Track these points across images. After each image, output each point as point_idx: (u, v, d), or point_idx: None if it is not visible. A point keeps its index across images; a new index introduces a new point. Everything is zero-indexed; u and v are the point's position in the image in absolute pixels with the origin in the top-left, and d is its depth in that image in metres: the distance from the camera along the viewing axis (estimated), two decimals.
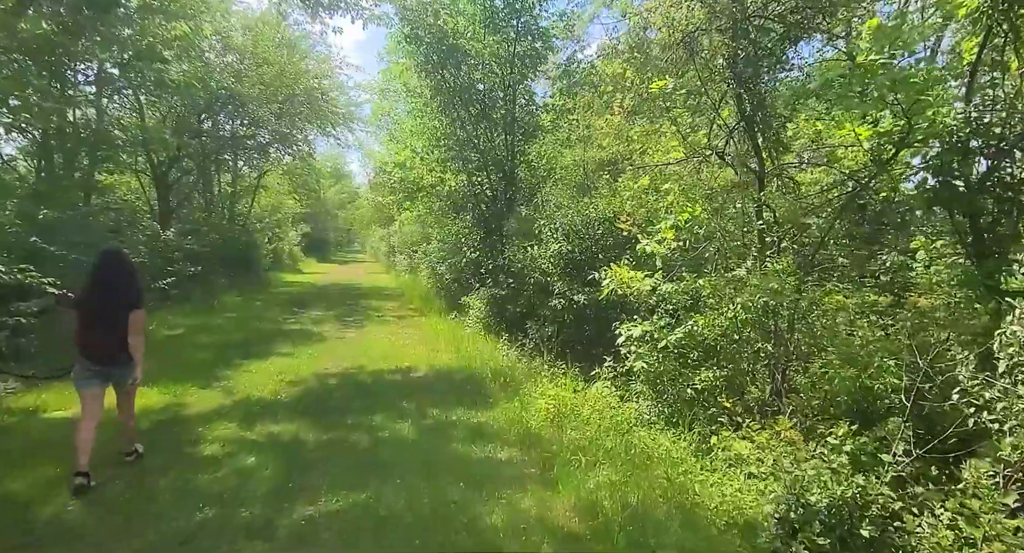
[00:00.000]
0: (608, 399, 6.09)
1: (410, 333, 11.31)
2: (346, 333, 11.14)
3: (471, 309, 11.96)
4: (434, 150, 12.16)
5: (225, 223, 19.38)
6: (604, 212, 6.69)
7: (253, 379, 7.30)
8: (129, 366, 4.22)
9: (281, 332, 10.98)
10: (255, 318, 12.49)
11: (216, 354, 8.57)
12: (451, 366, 8.12)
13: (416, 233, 24.59)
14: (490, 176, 11.81)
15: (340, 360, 8.52)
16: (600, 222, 6.97)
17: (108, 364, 4.17)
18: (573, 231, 7.25)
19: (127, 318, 4.14)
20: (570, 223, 7.29)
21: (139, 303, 4.25)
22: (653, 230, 5.64)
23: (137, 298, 4.26)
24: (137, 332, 4.19)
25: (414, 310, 14.66)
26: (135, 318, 4.18)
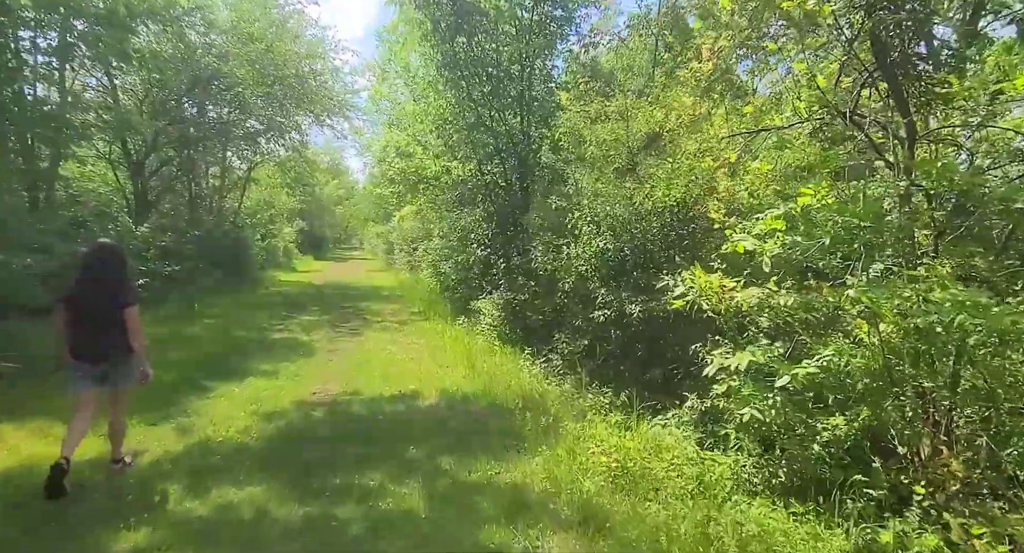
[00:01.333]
0: (683, 444, 4.53)
1: (414, 343, 9.73)
2: (340, 343, 9.56)
3: (483, 314, 10.39)
4: (439, 134, 10.54)
5: (211, 218, 17.74)
6: (666, 198, 5.11)
7: (220, 410, 5.72)
8: (122, 365, 4.09)
9: (265, 343, 9.39)
10: (238, 325, 10.89)
11: (181, 374, 6.98)
12: (467, 390, 6.54)
13: (416, 229, 23.08)
14: (504, 163, 10.22)
15: (331, 381, 6.94)
16: (660, 212, 5.38)
17: (99, 364, 4.00)
18: (620, 224, 5.68)
19: (120, 315, 4.00)
20: (616, 215, 5.70)
21: (132, 299, 4.10)
22: (749, 220, 4.06)
23: (130, 294, 4.12)
24: (134, 329, 4.05)
25: (416, 314, 13.08)
26: (130, 315, 4.03)
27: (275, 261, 26.56)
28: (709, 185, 4.96)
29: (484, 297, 10.89)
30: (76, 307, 3.97)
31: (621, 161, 5.92)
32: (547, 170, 9.71)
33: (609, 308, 5.67)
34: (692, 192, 5.03)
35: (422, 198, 16.37)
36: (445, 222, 15.01)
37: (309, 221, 36.94)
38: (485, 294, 10.90)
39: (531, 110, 9.76)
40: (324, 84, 17.95)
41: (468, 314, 11.67)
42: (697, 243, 5.25)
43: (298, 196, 26.85)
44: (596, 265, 5.95)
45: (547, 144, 8.69)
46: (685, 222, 5.30)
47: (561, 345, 7.24)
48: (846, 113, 3.93)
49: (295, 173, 20.66)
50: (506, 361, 8.14)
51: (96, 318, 3.97)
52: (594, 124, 6.16)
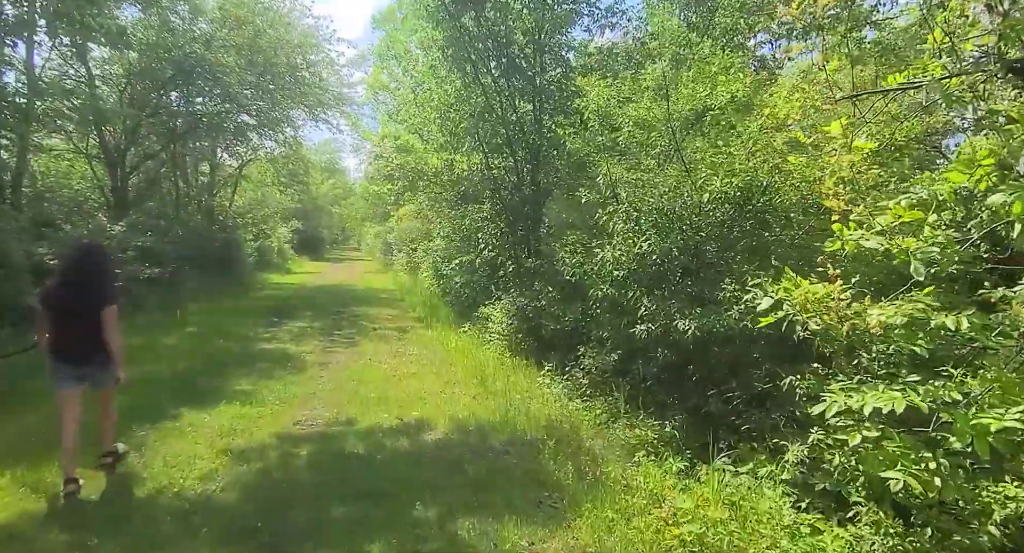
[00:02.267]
0: (769, 500, 3.46)
1: (416, 355, 8.64)
2: (333, 355, 8.47)
3: (491, 322, 9.33)
4: (442, 125, 9.46)
5: (199, 217, 16.62)
6: (727, 187, 4.04)
7: (182, 447, 4.64)
8: (106, 367, 4.00)
9: (249, 355, 8.28)
10: (222, 333, 9.78)
11: (145, 396, 5.89)
12: (481, 417, 5.46)
13: (415, 229, 22.03)
14: (515, 154, 9.15)
15: (320, 405, 5.86)
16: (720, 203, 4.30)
17: (81, 365, 3.92)
18: (668, 221, 4.61)
19: (98, 317, 3.89)
20: (663, 209, 4.62)
21: (112, 299, 3.98)
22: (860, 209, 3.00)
23: (110, 294, 4.01)
24: (112, 329, 3.94)
25: (417, 320, 12.00)
26: (108, 315, 3.92)
27: (269, 263, 25.42)
28: (785, 167, 3.89)
29: (492, 302, 9.83)
30: (56, 308, 3.86)
31: (663, 145, 4.85)
32: (565, 162, 8.63)
33: (654, 322, 4.61)
34: (760, 178, 3.97)
35: (422, 196, 15.28)
36: (447, 221, 13.95)
37: (305, 221, 35.77)
38: (493, 299, 9.84)
39: (546, 95, 8.70)
40: (318, 76, 16.83)
41: (474, 321, 10.61)
42: (766, 243, 4.18)
43: (292, 195, 25.67)
44: (636, 270, 4.89)
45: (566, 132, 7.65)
46: (751, 215, 4.23)
47: (587, 360, 6.17)
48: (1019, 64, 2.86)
49: (288, 170, 19.52)
50: (522, 378, 7.09)
51: (76, 319, 3.86)
52: (627, 104, 5.10)
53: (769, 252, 4.03)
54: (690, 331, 4.07)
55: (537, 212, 9.32)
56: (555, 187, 8.95)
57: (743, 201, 4.20)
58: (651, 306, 4.51)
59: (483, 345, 9.27)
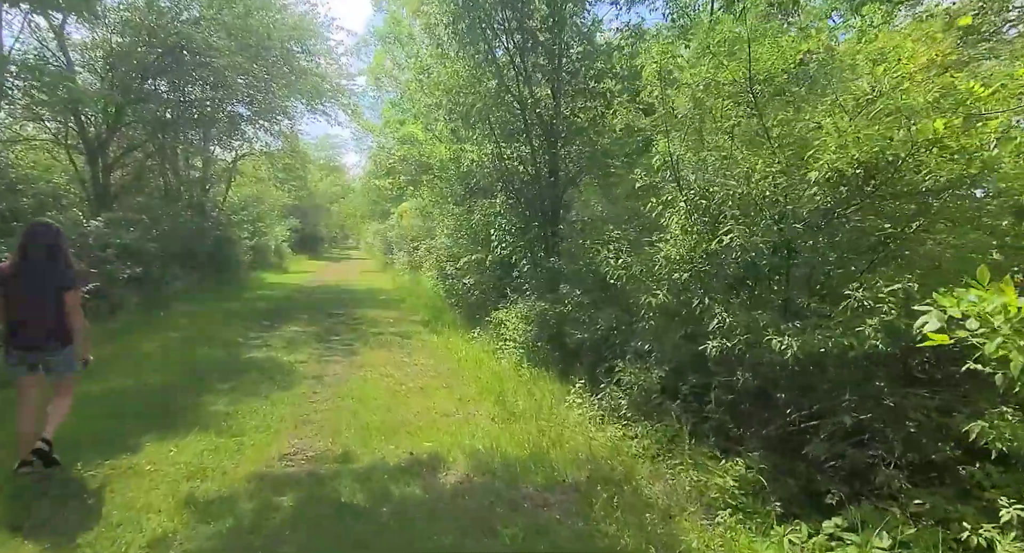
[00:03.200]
0: None
1: (422, 365, 7.65)
2: (328, 365, 7.47)
3: (505, 328, 8.33)
4: (451, 109, 8.45)
5: (189, 214, 15.57)
6: (841, 162, 3.02)
7: (135, 496, 3.63)
8: (61, 353, 3.83)
9: (234, 366, 7.28)
10: (207, 339, 8.76)
11: (104, 419, 4.89)
12: (507, 451, 4.46)
13: (417, 226, 21.05)
14: (532, 141, 8.14)
15: (311, 433, 4.85)
16: (831, 185, 3.25)
17: (35, 350, 3.75)
18: (756, 209, 3.57)
19: (58, 299, 3.76)
20: (751, 195, 3.57)
21: (71, 283, 3.83)
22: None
23: (68, 278, 3.83)
24: (74, 313, 3.83)
25: (421, 324, 10.99)
26: (69, 299, 3.80)
27: (265, 261, 24.40)
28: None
29: (506, 306, 8.84)
30: (12, 290, 3.71)
31: (742, 115, 3.86)
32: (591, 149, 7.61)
33: (730, 336, 3.62)
34: (895, 149, 2.96)
35: (425, 191, 14.28)
36: (450, 218, 12.95)
37: (303, 219, 34.72)
38: (508, 303, 8.84)
39: (570, 74, 7.70)
40: (316, 64, 15.81)
41: (484, 325, 9.62)
42: (910, 237, 3.17)
43: (289, 191, 24.64)
44: (707, 271, 3.89)
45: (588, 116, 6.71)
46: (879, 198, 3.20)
47: (626, 376, 5.18)
48: None
49: (285, 164, 18.47)
50: (547, 395, 6.09)
51: (32, 304, 3.74)
52: (691, 69, 4.10)
53: (905, 249, 3.06)
54: (790, 351, 3.09)
55: (556, 205, 8.32)
56: (578, 177, 7.95)
57: (863, 181, 3.20)
58: (727, 316, 3.52)
59: (497, 354, 8.28)
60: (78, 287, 3.93)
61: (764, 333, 3.32)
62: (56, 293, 3.76)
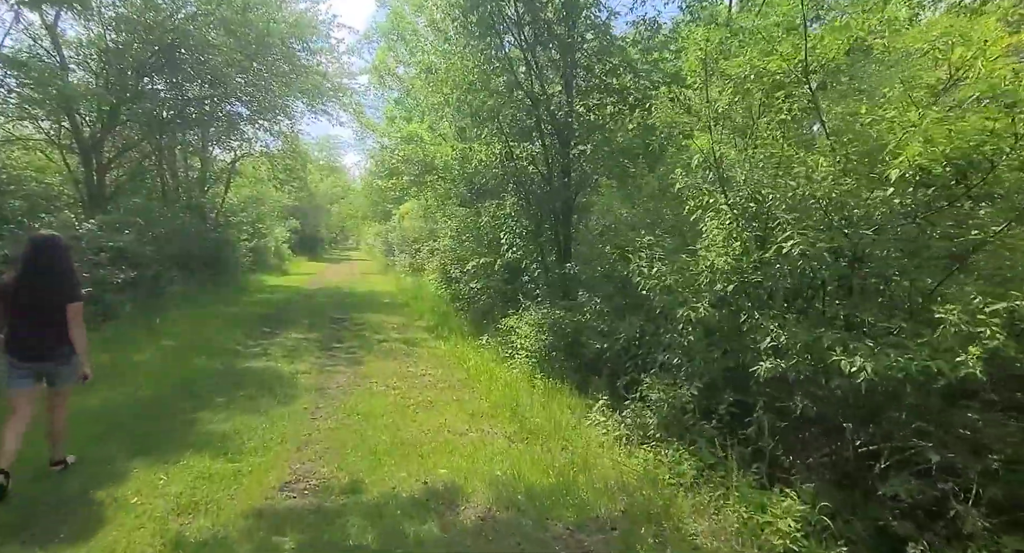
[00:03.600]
0: None
1: (430, 376, 7.25)
2: (332, 376, 7.06)
3: (515, 336, 7.92)
4: (460, 107, 8.03)
5: (186, 215, 15.15)
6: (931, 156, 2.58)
7: (118, 535, 3.22)
8: (64, 364, 3.82)
9: (232, 377, 6.87)
10: (203, 348, 8.34)
11: (91, 442, 4.49)
12: (529, 478, 4.04)
13: (419, 228, 20.67)
14: (544, 139, 7.73)
15: (315, 456, 4.44)
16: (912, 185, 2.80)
17: (38, 361, 3.73)
18: (825, 212, 3.11)
19: (62, 311, 3.74)
20: (816, 196, 3.11)
21: (76, 295, 3.82)
22: None
23: (74, 289, 3.83)
24: (77, 325, 3.80)
25: (426, 330, 10.58)
26: (72, 311, 3.77)
27: (265, 263, 23.99)
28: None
29: (516, 312, 8.42)
30: (15, 302, 3.69)
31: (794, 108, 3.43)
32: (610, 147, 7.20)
33: (784, 356, 3.20)
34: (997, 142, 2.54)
35: (429, 192, 13.86)
36: (454, 220, 12.56)
37: (303, 220, 34.30)
38: (520, 309, 8.43)
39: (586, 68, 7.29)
40: (317, 62, 15.39)
41: (492, 332, 9.21)
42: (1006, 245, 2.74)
43: (289, 192, 24.20)
44: (759, 283, 3.47)
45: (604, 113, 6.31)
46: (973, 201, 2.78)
47: (655, 393, 4.77)
48: None
49: (285, 165, 18.04)
50: (565, 411, 5.69)
51: (37, 315, 3.71)
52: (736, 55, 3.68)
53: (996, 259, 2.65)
54: (863, 375, 2.68)
55: (569, 207, 7.91)
56: (592, 178, 7.54)
57: (955, 180, 2.78)
58: (782, 334, 3.11)
59: (507, 363, 7.87)
60: (81, 299, 3.88)
61: (829, 353, 2.91)
62: (62, 304, 3.73)
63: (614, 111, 7.18)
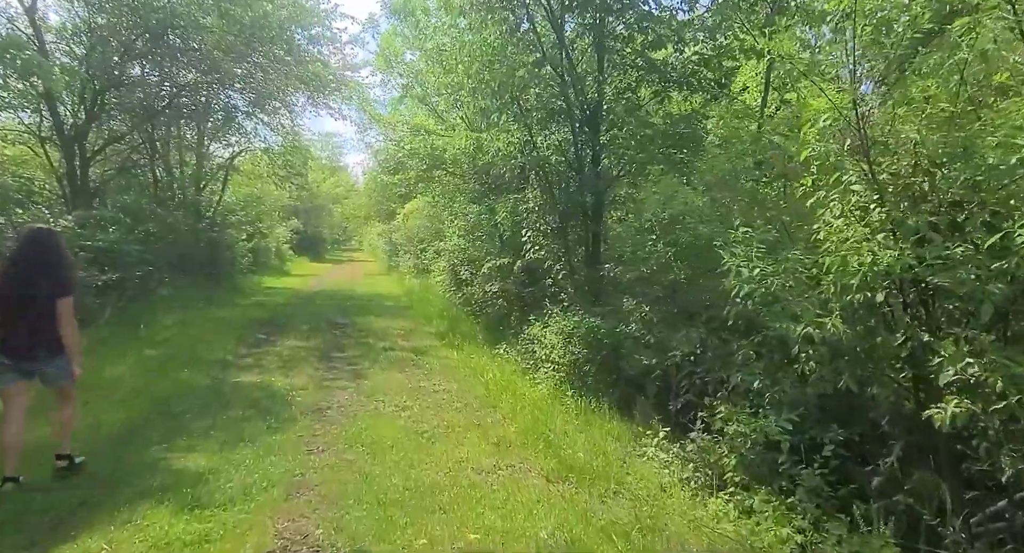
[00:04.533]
0: None
1: (444, 392, 6.30)
2: (332, 394, 6.11)
3: (539, 345, 6.97)
4: (478, 88, 7.05)
5: (180, 214, 14.22)
6: None
7: None
8: (54, 362, 3.64)
9: (217, 396, 5.91)
10: (191, 358, 7.39)
11: (34, 492, 3.53)
12: (586, 546, 3.08)
13: (424, 227, 19.67)
14: (572, 124, 6.78)
15: (308, 509, 3.48)
16: None
17: (24, 360, 3.56)
18: None
19: (51, 307, 3.55)
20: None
21: (68, 290, 3.67)
22: None
23: (65, 284, 3.68)
24: (67, 322, 3.63)
25: (436, 336, 9.63)
26: (63, 306, 3.59)
27: (265, 264, 23.06)
28: None
29: (539, 318, 7.47)
30: (3, 298, 3.54)
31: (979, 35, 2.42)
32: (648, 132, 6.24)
33: (977, 395, 2.23)
34: None
35: (437, 188, 12.91)
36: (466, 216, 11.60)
37: (305, 220, 33.35)
38: (540, 314, 7.48)
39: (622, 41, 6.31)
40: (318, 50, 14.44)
41: (510, 339, 8.27)
42: None
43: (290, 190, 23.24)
44: (933, 288, 2.48)
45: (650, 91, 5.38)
46: None
47: (731, 426, 3.81)
48: None
49: (285, 160, 17.08)
50: (609, 441, 4.73)
51: (26, 311, 3.54)
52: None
53: None
54: None
55: (599, 201, 6.97)
56: (630, 166, 6.58)
57: None
58: (973, 363, 2.15)
59: (530, 376, 6.94)
60: (71, 294, 3.70)
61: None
62: (50, 300, 3.57)
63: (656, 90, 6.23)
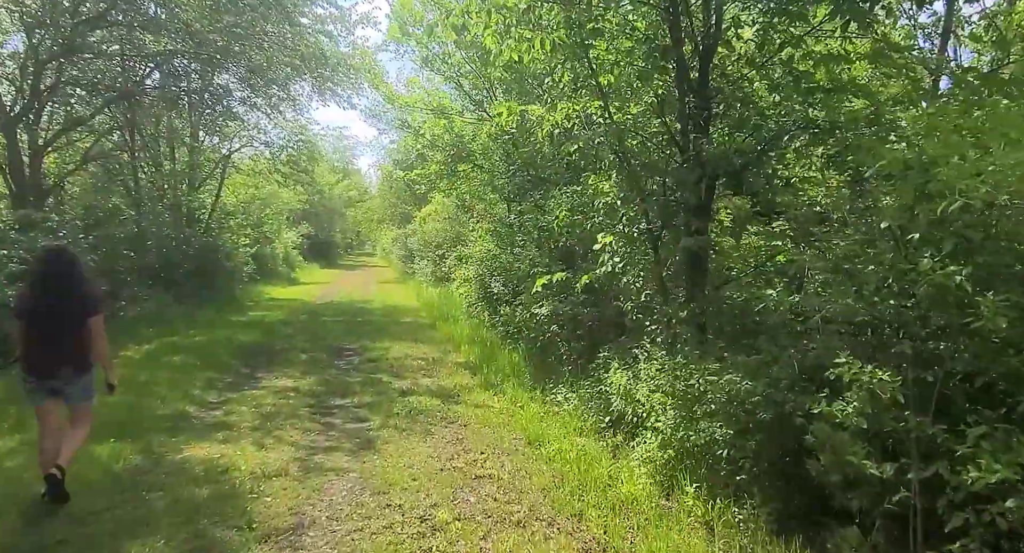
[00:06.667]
0: None
1: (492, 482, 4.04)
2: (322, 483, 3.89)
3: (628, 402, 4.71)
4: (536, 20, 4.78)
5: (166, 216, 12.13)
6: None
7: None
8: (79, 382, 3.61)
9: (140, 491, 3.70)
10: (134, 415, 5.19)
11: None
12: None
13: (442, 231, 17.53)
14: (684, 77, 4.50)
15: None
16: None
17: (50, 378, 3.52)
18: None
19: (77, 326, 3.53)
20: None
21: (96, 308, 3.66)
22: None
23: (92, 302, 3.67)
24: (99, 337, 3.63)
25: (466, 368, 7.41)
26: (94, 324, 3.58)
27: (271, 271, 21.02)
28: None
29: (616, 357, 5.21)
30: (30, 318, 3.52)
31: None
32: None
33: None
34: None
35: (462, 184, 10.69)
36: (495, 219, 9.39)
37: (316, 224, 31.34)
38: (618, 350, 5.23)
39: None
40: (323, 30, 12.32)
41: (573, 383, 6.00)
42: None
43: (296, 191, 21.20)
44: None
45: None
46: None
47: None
48: None
49: (288, 156, 14.98)
50: None
51: (49, 331, 3.49)
52: None
53: None
54: None
55: (711, 192, 4.69)
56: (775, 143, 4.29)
57: None
58: None
59: (609, 442, 4.70)
60: (102, 311, 3.69)
61: None
62: (76, 320, 3.53)
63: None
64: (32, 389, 3.53)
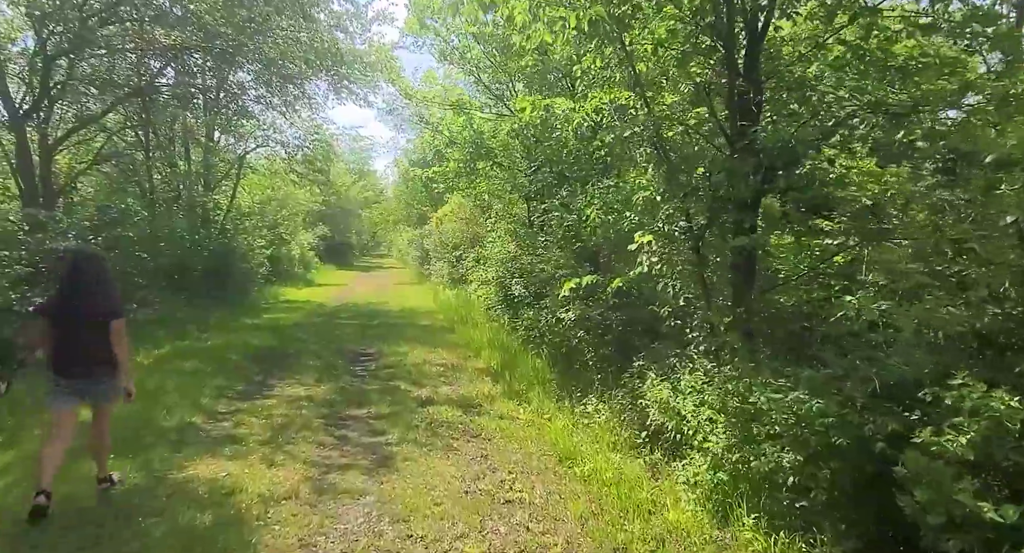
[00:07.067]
0: None
1: (524, 507, 3.62)
2: (335, 509, 3.49)
3: (665, 414, 4.27)
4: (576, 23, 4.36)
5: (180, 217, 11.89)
6: None
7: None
8: (106, 382, 3.61)
9: (137, 517, 3.33)
10: (138, 427, 4.87)
11: None
12: None
13: (459, 232, 17.17)
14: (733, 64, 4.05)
15: None
16: None
17: (81, 379, 3.52)
18: None
19: (103, 328, 3.52)
20: None
21: (119, 310, 3.66)
22: None
23: (117, 304, 3.68)
24: (120, 341, 3.60)
25: (487, 374, 7.01)
26: (117, 326, 3.57)
27: (288, 273, 20.84)
28: None
29: (654, 367, 4.78)
30: (57, 319, 3.51)
31: None
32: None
33: None
34: None
35: (481, 183, 10.30)
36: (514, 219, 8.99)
37: (332, 226, 31.18)
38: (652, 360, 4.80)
39: None
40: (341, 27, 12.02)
41: (599, 391, 5.57)
42: None
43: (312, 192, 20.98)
44: None
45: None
46: None
47: None
48: None
49: (303, 154, 14.71)
50: None
51: (79, 331, 3.48)
52: None
53: None
54: None
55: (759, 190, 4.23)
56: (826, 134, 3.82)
57: None
58: None
59: (646, 458, 4.27)
60: (124, 315, 3.67)
61: None
62: (105, 320, 3.51)
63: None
64: (58, 391, 3.48)
